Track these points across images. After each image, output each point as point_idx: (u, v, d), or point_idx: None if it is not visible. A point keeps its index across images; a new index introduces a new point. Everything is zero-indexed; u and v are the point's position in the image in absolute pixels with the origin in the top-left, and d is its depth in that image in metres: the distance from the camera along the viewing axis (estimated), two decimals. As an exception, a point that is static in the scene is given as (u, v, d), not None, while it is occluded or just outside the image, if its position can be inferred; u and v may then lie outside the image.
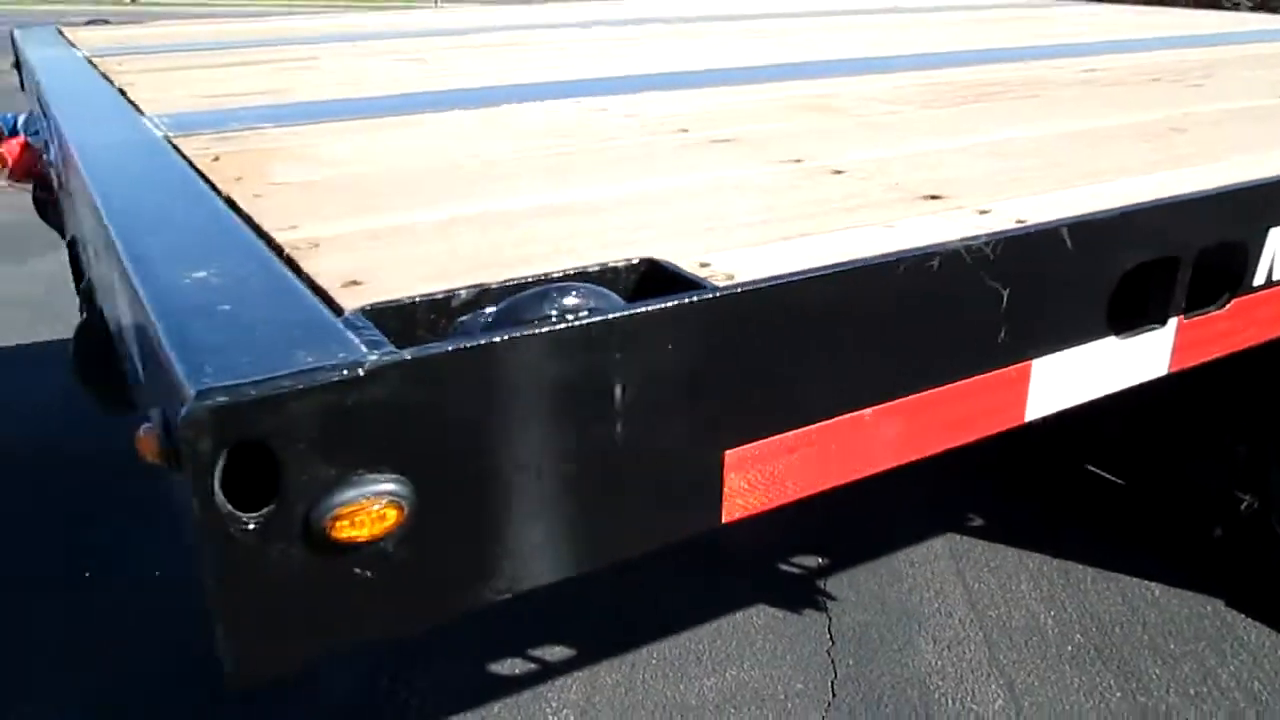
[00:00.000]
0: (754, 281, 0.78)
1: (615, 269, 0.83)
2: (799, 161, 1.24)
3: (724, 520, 0.84)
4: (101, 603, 2.70)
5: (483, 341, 0.67)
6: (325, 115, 1.59)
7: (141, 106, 1.67)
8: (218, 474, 0.61)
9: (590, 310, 0.72)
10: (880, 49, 2.46)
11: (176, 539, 0.69)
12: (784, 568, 3.32)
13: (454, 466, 0.69)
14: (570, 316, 0.71)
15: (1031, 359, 0.99)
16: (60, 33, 2.75)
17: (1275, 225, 1.15)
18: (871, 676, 2.90)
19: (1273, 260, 1.17)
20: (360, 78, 2.13)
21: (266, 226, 0.96)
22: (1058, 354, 1.01)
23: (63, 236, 2.29)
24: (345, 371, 0.63)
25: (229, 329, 0.69)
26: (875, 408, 0.88)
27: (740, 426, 0.81)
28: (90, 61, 2.20)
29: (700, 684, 2.83)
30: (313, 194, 1.16)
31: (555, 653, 2.96)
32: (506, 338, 0.68)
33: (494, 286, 0.78)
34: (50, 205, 2.17)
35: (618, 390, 0.73)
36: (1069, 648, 3.02)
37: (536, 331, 0.69)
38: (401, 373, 0.65)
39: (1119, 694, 2.83)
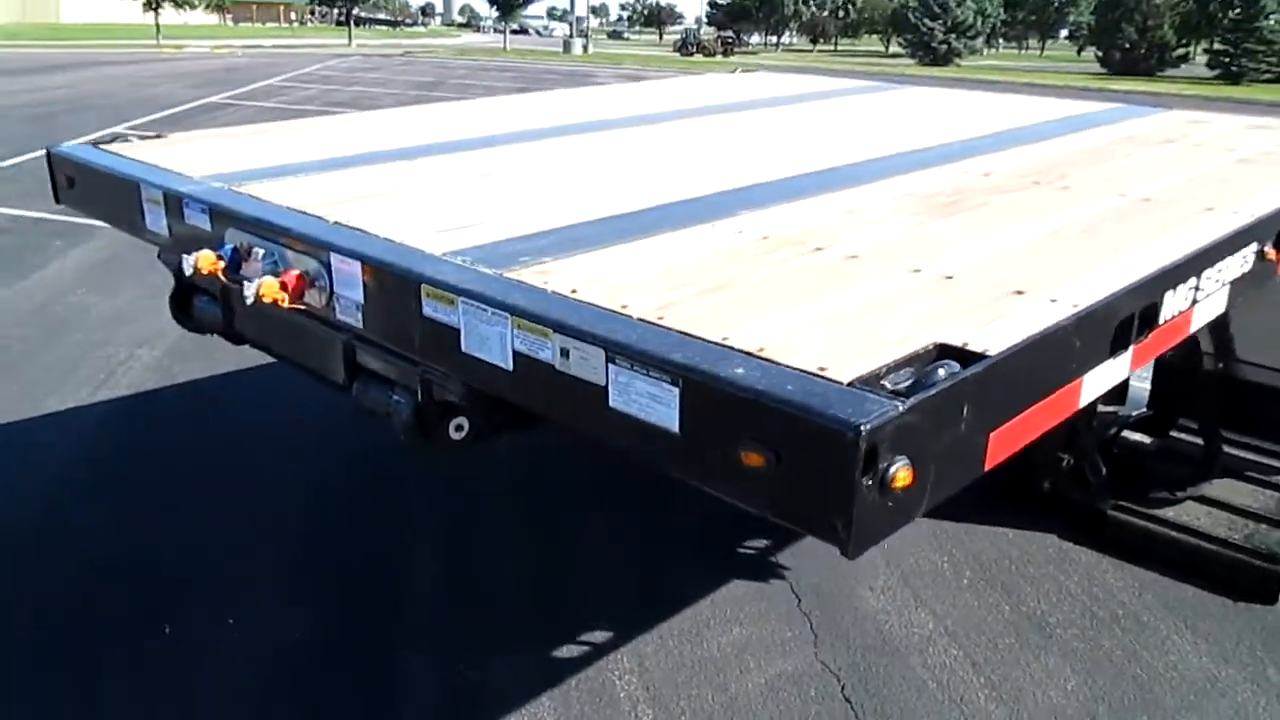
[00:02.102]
0: (1004, 351, 1.63)
1: (929, 349, 1.65)
2: (918, 271, 2.08)
3: (983, 470, 1.68)
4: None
5: (935, 391, 1.48)
6: (584, 241, 2.14)
7: (409, 244, 2.20)
8: (861, 465, 1.37)
9: (953, 373, 1.55)
10: (855, 151, 3.38)
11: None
12: (744, 551, 4.32)
13: (924, 449, 1.49)
14: (950, 377, 1.53)
15: (1084, 374, 1.91)
16: (159, 166, 2.90)
17: (1168, 290, 2.14)
18: (836, 620, 3.91)
19: (1165, 309, 2.16)
20: (521, 195, 2.68)
21: (710, 337, 1.67)
22: (1092, 370, 1.93)
23: (261, 348, 2.76)
24: (895, 410, 1.42)
25: (814, 396, 1.45)
26: (1035, 405, 1.77)
27: (995, 419, 1.66)
28: (243, 192, 2.62)
29: (717, 641, 3.73)
30: (691, 310, 1.76)
31: (599, 636, 3.74)
32: (942, 388, 1.49)
33: (890, 364, 1.59)
34: (264, 321, 2.58)
35: (964, 408, 1.56)
36: (964, 581, 4.17)
37: (950, 384, 1.51)
38: (912, 407, 1.44)
39: (1007, 608, 3.99)
